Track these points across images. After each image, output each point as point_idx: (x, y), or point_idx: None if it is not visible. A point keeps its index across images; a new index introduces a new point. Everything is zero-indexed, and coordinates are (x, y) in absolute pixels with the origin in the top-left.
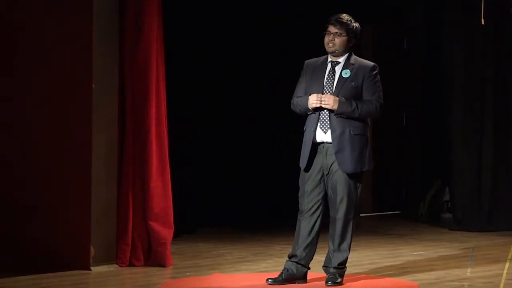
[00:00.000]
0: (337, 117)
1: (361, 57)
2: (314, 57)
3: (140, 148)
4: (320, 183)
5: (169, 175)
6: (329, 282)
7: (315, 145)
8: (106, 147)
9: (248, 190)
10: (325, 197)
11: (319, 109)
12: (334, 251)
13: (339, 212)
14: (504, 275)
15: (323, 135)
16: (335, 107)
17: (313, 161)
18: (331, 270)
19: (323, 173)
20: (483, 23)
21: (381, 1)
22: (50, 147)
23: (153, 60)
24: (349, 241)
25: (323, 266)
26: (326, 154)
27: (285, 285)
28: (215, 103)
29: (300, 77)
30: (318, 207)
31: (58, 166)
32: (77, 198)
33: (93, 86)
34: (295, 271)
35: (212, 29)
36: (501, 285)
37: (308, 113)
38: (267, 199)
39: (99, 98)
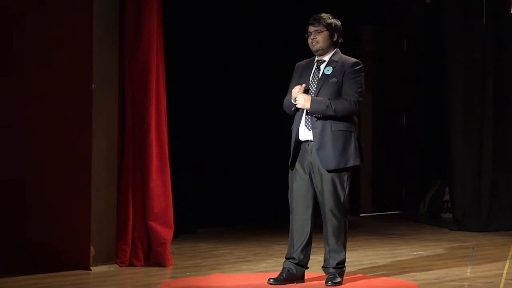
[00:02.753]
0: (315, 119)
1: (361, 57)
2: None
3: (140, 148)
4: (309, 182)
5: (169, 175)
6: (329, 282)
7: (300, 143)
8: (106, 147)
9: (248, 190)
10: (315, 196)
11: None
12: (330, 251)
13: (328, 212)
14: (504, 275)
15: (307, 133)
16: (307, 106)
17: (300, 159)
18: (331, 270)
19: (310, 172)
20: (484, 23)
21: (381, 1)
22: (50, 147)
23: (153, 60)
24: (344, 240)
25: (322, 267)
26: (311, 152)
27: (286, 285)
28: (216, 103)
29: (291, 78)
30: (308, 207)
31: (58, 166)
32: (77, 198)
33: (93, 86)
34: (295, 271)
35: (212, 29)
36: (501, 285)
37: (292, 109)
38: (267, 199)
39: (99, 98)
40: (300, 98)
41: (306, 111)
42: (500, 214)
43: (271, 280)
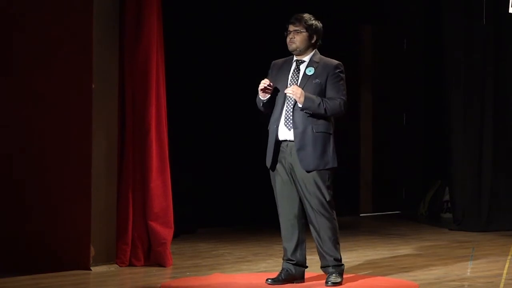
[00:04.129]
0: (305, 114)
1: (361, 57)
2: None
3: (140, 148)
4: (291, 182)
5: (169, 175)
6: (329, 283)
7: (279, 143)
8: (106, 147)
9: (248, 190)
10: (299, 195)
11: (280, 105)
12: (325, 250)
13: (316, 213)
14: (504, 275)
15: (286, 133)
16: (302, 99)
17: (279, 160)
18: (330, 270)
19: (291, 173)
20: (484, 23)
21: (381, 1)
22: (50, 147)
23: (153, 60)
24: (337, 237)
25: (321, 267)
26: (291, 153)
27: (285, 285)
28: (216, 103)
29: (266, 76)
30: (293, 207)
31: (58, 166)
32: (77, 198)
33: (93, 86)
34: (294, 271)
35: (212, 29)
36: (501, 285)
37: (260, 105)
38: (267, 199)
39: (99, 98)
40: (297, 90)
41: (286, 110)
42: (500, 214)
43: (269, 280)
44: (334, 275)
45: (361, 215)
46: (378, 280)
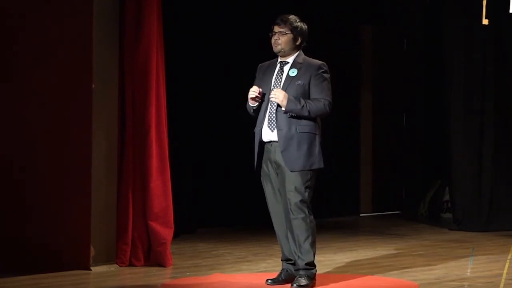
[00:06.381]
0: (288, 116)
1: (361, 57)
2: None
3: (140, 148)
4: (278, 181)
5: (169, 175)
6: (294, 285)
7: (263, 145)
8: (106, 147)
9: (248, 190)
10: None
11: (264, 107)
12: (295, 253)
13: (292, 211)
14: (504, 275)
15: (270, 134)
16: (284, 102)
17: (265, 160)
18: (300, 272)
19: (277, 171)
20: (483, 23)
21: (381, 1)
22: (50, 147)
23: (153, 60)
24: (311, 240)
25: (294, 270)
26: (275, 152)
27: (285, 286)
28: (216, 103)
29: (254, 79)
30: (284, 208)
31: (58, 166)
32: (77, 198)
33: (93, 86)
34: (293, 271)
35: (212, 29)
36: (501, 285)
37: (251, 112)
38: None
39: (99, 98)
40: (280, 94)
41: (269, 112)
42: (500, 214)
43: (269, 281)
44: (302, 277)
45: (361, 215)
46: (378, 280)
